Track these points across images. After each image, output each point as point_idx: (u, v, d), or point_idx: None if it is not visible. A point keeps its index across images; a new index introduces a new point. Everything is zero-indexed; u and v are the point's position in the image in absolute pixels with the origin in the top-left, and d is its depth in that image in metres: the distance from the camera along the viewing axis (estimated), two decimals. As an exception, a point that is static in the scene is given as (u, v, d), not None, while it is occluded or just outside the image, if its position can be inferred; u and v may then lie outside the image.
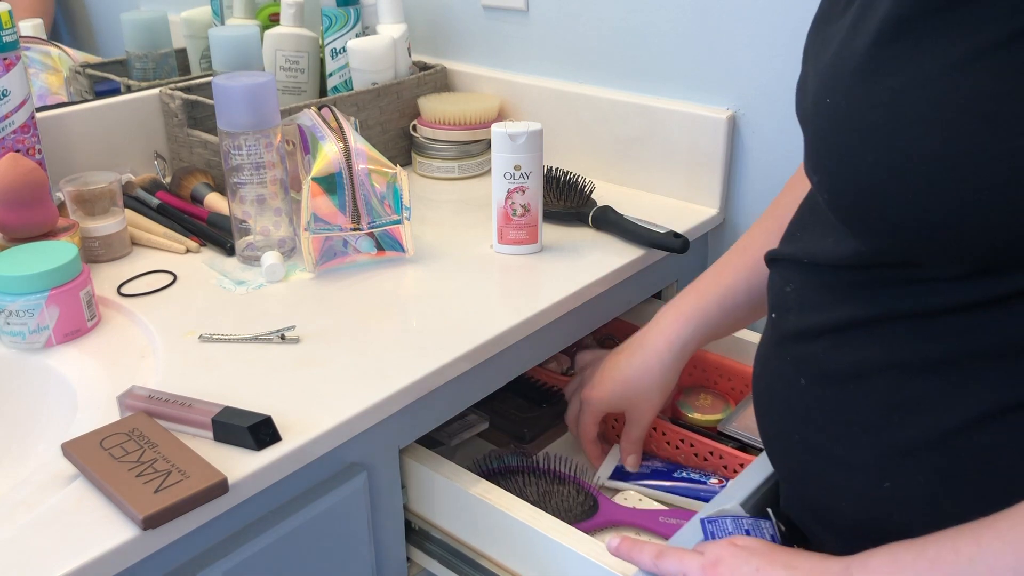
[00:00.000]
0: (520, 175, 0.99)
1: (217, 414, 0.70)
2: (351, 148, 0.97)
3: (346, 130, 0.99)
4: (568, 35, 1.24)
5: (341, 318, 0.89)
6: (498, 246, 1.03)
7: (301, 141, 1.04)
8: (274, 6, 1.31)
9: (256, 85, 0.94)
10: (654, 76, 1.18)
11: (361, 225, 0.98)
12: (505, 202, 1.00)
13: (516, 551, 0.81)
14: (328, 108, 1.04)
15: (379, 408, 0.77)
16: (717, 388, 1.07)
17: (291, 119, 1.06)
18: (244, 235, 1.00)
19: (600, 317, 1.04)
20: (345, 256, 1.00)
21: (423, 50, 1.41)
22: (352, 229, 0.98)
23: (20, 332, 0.83)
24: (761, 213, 1.13)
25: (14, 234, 0.92)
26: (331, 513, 0.76)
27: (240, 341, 0.85)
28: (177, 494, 0.62)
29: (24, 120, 1.02)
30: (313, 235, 0.96)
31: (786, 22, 1.03)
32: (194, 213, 1.10)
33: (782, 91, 1.07)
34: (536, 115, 1.29)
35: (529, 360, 0.95)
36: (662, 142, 1.17)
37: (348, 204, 0.97)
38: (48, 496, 0.65)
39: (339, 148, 0.97)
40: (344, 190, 0.96)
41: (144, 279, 0.98)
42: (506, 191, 1.00)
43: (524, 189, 1.00)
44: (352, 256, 1.00)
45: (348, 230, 0.97)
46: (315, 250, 0.97)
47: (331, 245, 0.98)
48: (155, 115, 1.23)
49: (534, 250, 1.03)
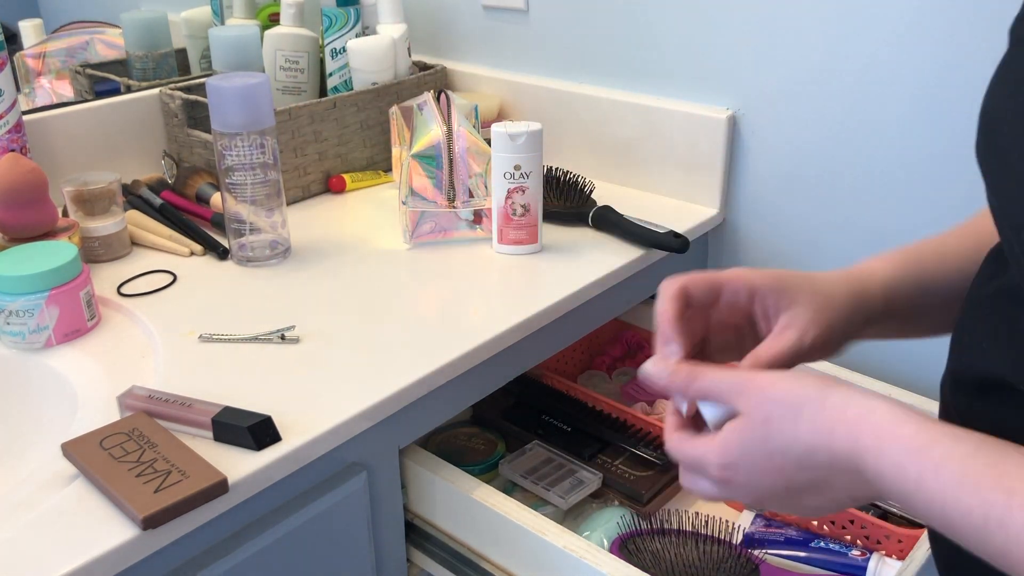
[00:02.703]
0: (520, 175, 0.99)
1: (217, 414, 0.70)
2: (453, 131, 1.04)
3: (453, 114, 1.06)
4: (568, 35, 1.24)
5: (341, 318, 0.89)
6: (498, 246, 1.03)
7: (409, 122, 1.10)
8: (274, 6, 1.31)
9: (250, 86, 0.94)
10: (654, 76, 1.18)
11: (456, 203, 1.05)
12: (505, 202, 1.00)
13: (515, 553, 0.82)
14: (444, 94, 1.09)
15: (379, 408, 0.77)
16: None
17: (411, 101, 1.11)
18: (238, 236, 1.00)
19: (600, 317, 1.04)
20: (441, 232, 1.06)
21: (423, 50, 1.41)
22: (448, 206, 1.05)
23: (20, 332, 0.83)
24: (761, 213, 1.14)
25: (14, 234, 0.92)
26: (331, 513, 0.76)
27: (240, 341, 0.85)
28: (177, 494, 0.62)
29: (17, 120, 1.03)
30: (410, 209, 1.03)
31: (786, 22, 1.03)
32: (198, 213, 1.10)
33: (782, 91, 1.07)
34: (536, 115, 1.29)
35: (529, 360, 0.95)
36: (662, 142, 1.17)
37: (445, 182, 1.04)
38: (48, 496, 0.65)
39: (443, 131, 1.04)
40: (441, 169, 1.03)
41: (144, 279, 0.98)
42: (506, 191, 1.00)
43: (524, 189, 1.00)
44: (448, 232, 1.06)
45: (444, 207, 1.04)
46: (411, 223, 1.04)
47: (433, 220, 1.05)
48: (155, 115, 1.23)
49: (534, 250, 1.03)
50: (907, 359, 1.05)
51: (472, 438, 1.07)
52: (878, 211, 1.03)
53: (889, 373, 1.06)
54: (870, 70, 0.99)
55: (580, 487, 0.96)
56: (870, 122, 1.01)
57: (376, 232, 1.10)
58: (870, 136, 1.01)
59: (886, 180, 1.01)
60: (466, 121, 1.06)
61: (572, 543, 0.77)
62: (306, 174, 1.19)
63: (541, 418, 1.08)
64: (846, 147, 1.03)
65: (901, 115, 0.98)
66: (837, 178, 1.05)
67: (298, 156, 1.17)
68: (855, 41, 0.99)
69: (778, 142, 1.09)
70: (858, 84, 1.00)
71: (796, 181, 1.09)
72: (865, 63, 0.99)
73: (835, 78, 1.02)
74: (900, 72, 0.97)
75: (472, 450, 1.05)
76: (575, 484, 0.96)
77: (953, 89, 0.94)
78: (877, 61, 0.98)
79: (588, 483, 0.96)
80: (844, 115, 1.02)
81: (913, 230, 1.01)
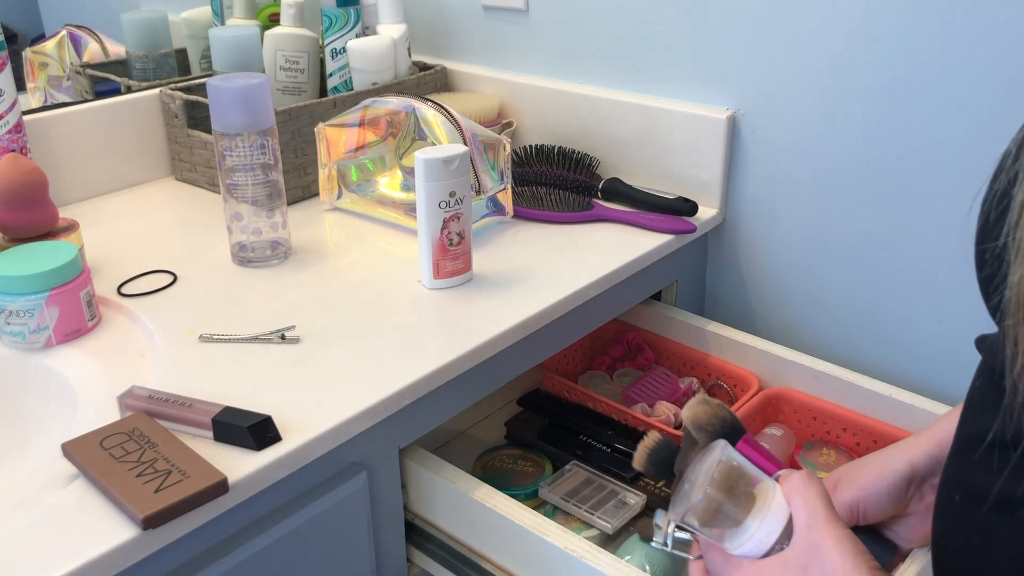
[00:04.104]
0: (455, 201, 0.91)
1: (217, 414, 0.70)
2: (462, 125, 1.05)
3: (455, 114, 1.07)
4: (568, 35, 1.24)
5: (341, 318, 0.89)
6: (433, 282, 0.94)
7: (415, 126, 1.11)
8: (274, 6, 1.31)
9: (250, 86, 0.93)
10: (654, 76, 1.18)
11: (483, 192, 1.06)
12: (441, 233, 0.92)
13: (515, 553, 0.81)
14: (431, 101, 1.09)
15: (379, 408, 0.77)
16: (840, 443, 1.01)
17: (399, 108, 1.11)
18: (238, 236, 1.00)
19: (600, 317, 1.04)
20: None
21: (423, 50, 1.41)
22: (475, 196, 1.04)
23: (20, 332, 0.83)
24: (761, 213, 1.14)
25: (14, 234, 0.92)
26: (331, 513, 0.76)
27: (240, 341, 0.85)
28: (177, 494, 0.62)
29: (17, 120, 1.03)
30: None
31: (786, 22, 1.03)
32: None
33: (782, 91, 1.07)
34: (536, 115, 1.29)
35: (529, 360, 0.95)
36: (662, 142, 1.17)
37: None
38: (48, 496, 0.65)
39: (455, 130, 1.05)
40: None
41: (144, 279, 0.98)
42: (442, 221, 0.92)
43: (459, 216, 0.93)
44: None
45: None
46: None
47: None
48: (155, 115, 1.23)
49: (467, 279, 0.96)
50: (907, 359, 1.05)
51: (517, 460, 1.05)
52: (878, 211, 1.03)
53: (890, 373, 1.06)
54: (870, 70, 0.99)
55: (624, 509, 0.93)
56: (870, 122, 1.01)
57: (377, 231, 1.10)
58: (870, 136, 1.01)
59: (886, 180, 1.01)
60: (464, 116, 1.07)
61: (572, 543, 0.77)
62: (306, 174, 1.19)
63: (579, 438, 1.04)
64: (846, 147, 1.03)
65: (901, 115, 0.98)
66: (837, 178, 1.05)
67: (298, 156, 1.17)
68: (856, 41, 0.99)
69: (778, 142, 1.09)
70: (858, 84, 1.00)
71: (796, 181, 1.09)
72: (865, 63, 0.99)
73: (835, 78, 1.02)
74: (900, 72, 0.97)
75: (520, 472, 1.03)
76: (619, 506, 0.93)
77: (953, 89, 0.94)
78: (877, 61, 0.98)
79: (632, 505, 0.93)
80: (844, 115, 1.02)
81: (913, 230, 1.01)
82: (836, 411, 1.01)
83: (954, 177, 0.97)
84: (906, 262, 1.03)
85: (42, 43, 1.21)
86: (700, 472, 0.58)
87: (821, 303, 1.11)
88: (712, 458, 0.58)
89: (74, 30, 1.23)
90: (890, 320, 1.06)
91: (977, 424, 0.53)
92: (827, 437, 1.02)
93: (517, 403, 1.13)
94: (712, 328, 1.12)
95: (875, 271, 1.05)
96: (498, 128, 1.28)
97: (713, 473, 0.56)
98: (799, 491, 0.57)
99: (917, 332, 1.04)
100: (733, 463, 0.58)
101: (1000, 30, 0.89)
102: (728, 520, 0.57)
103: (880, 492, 0.68)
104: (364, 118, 1.13)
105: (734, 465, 0.58)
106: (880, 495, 0.68)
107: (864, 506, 0.68)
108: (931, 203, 0.99)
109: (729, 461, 0.58)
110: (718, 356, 1.12)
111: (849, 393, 1.00)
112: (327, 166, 1.13)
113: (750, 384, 1.07)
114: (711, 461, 0.58)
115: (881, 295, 1.06)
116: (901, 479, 0.67)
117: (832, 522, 0.55)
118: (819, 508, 0.56)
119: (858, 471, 0.70)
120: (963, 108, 0.94)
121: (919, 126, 0.97)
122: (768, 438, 1.01)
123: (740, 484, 0.57)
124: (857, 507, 0.69)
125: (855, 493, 0.69)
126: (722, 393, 1.12)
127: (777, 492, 0.57)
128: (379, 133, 1.15)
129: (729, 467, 0.57)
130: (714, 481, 0.56)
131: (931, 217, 0.99)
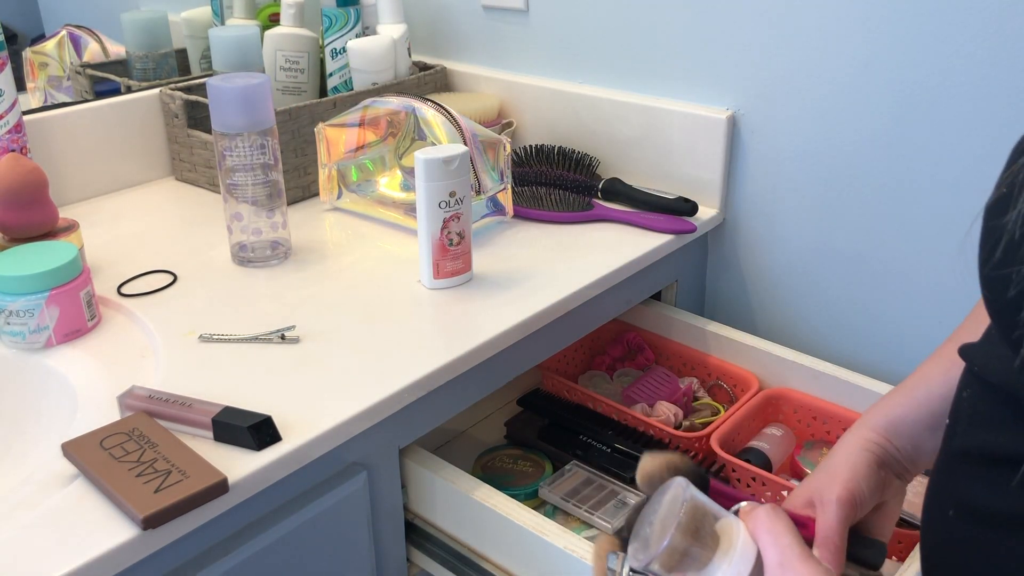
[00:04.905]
0: (455, 201, 0.92)
1: (217, 414, 0.70)
2: (462, 125, 1.05)
3: (455, 114, 1.07)
4: (568, 35, 1.24)
5: (341, 318, 0.89)
6: (433, 282, 0.95)
7: (415, 126, 1.12)
8: (274, 6, 1.31)
9: (250, 86, 0.93)
10: (654, 76, 1.18)
11: (483, 192, 1.05)
12: (441, 233, 0.92)
13: (515, 553, 0.82)
14: (431, 101, 1.09)
15: (379, 408, 0.77)
16: None
17: (399, 108, 1.11)
18: (238, 236, 1.00)
19: (600, 317, 1.04)
20: None
21: (423, 50, 1.41)
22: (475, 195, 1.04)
23: (20, 332, 0.83)
24: (761, 213, 1.14)
25: (14, 234, 0.92)
26: (331, 513, 0.76)
27: (240, 341, 0.85)
28: (177, 494, 0.62)
29: (17, 120, 1.03)
30: None
31: (786, 23, 1.03)
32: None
33: (782, 91, 1.07)
34: (536, 115, 1.29)
35: (529, 360, 0.95)
36: (662, 142, 1.17)
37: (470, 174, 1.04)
38: (48, 496, 0.65)
39: (455, 130, 1.05)
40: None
41: (144, 279, 0.98)
42: (442, 221, 0.92)
43: (459, 216, 0.93)
44: None
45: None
46: None
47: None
48: (155, 115, 1.23)
49: (467, 279, 0.96)
50: (907, 359, 1.05)
51: (517, 460, 1.05)
52: (878, 211, 1.03)
53: (890, 373, 1.06)
54: (870, 70, 0.99)
55: (624, 509, 0.93)
56: (870, 122, 1.01)
57: (377, 231, 1.10)
58: (870, 136, 1.01)
59: (886, 180, 1.01)
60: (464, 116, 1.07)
61: (572, 543, 0.77)
62: (306, 174, 1.19)
63: (579, 438, 1.04)
64: (846, 147, 1.03)
65: (901, 115, 0.98)
66: (837, 178, 1.05)
67: (298, 156, 1.17)
68: (855, 41, 0.99)
69: (778, 142, 1.09)
70: (858, 84, 1.00)
71: (796, 181, 1.09)
72: (866, 63, 0.99)
73: (835, 78, 1.02)
74: (900, 72, 0.97)
75: (520, 473, 1.03)
76: (619, 506, 0.93)
77: (953, 89, 0.94)
78: (877, 61, 0.98)
79: (632, 505, 0.92)
80: (844, 115, 1.02)
81: (913, 230, 1.01)
82: (836, 411, 1.01)
83: (954, 176, 0.97)
84: (906, 262, 1.03)
85: (42, 43, 1.21)
86: (660, 513, 0.54)
87: (821, 303, 1.11)
88: (674, 497, 0.54)
89: (74, 30, 1.23)
90: (890, 320, 1.06)
91: (971, 437, 0.51)
92: (827, 437, 1.02)
93: (517, 403, 1.13)
94: (712, 328, 1.12)
95: (875, 271, 1.06)
96: (498, 128, 1.28)
97: (680, 515, 0.52)
98: (766, 527, 0.53)
99: (917, 332, 1.04)
100: (697, 502, 0.54)
101: (1003, 30, 0.89)
102: (695, 563, 0.53)
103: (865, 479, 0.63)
104: (364, 118, 1.13)
105: (698, 504, 0.54)
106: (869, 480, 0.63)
107: (860, 499, 0.64)
108: (931, 203, 0.99)
109: (693, 500, 0.54)
110: (718, 356, 1.12)
111: (849, 393, 1.00)
112: (327, 166, 1.13)
113: (750, 384, 1.07)
114: (673, 501, 0.53)
115: (881, 295, 1.06)
116: (873, 463, 0.64)
117: (806, 559, 0.52)
118: (790, 544, 0.52)
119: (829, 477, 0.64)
120: (963, 108, 0.94)
121: (919, 126, 0.97)
122: (768, 438, 1.01)
123: (705, 524, 0.53)
124: (853, 499, 0.63)
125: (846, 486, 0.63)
126: (722, 393, 1.12)
127: (741, 529, 0.54)
128: (379, 133, 1.16)
129: (694, 507, 0.53)
130: (680, 525, 0.52)
131: (931, 217, 0.99)
